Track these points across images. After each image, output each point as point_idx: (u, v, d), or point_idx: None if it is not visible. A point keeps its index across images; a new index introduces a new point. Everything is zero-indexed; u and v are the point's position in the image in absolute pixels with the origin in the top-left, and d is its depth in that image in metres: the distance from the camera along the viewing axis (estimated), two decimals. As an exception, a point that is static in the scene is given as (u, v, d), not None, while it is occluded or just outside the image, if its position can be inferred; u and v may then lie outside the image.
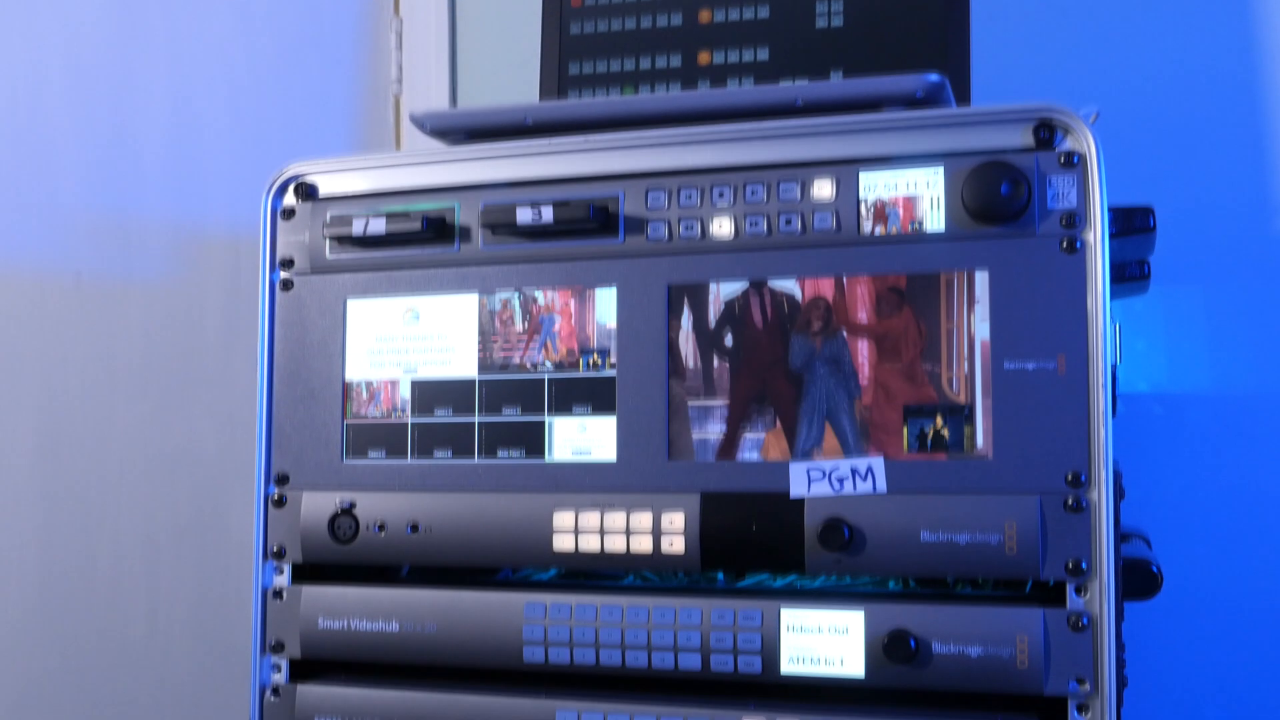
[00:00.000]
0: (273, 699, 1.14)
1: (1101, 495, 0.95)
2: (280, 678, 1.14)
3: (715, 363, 1.05)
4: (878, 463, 1.00)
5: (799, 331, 1.03)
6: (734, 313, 1.04)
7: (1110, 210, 1.00)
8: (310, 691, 1.13)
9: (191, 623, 1.66)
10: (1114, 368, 1.01)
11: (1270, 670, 1.41)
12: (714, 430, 1.04)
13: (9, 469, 1.71)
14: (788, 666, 1.01)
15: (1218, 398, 1.44)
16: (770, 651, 1.01)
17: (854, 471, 1.00)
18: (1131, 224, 1.09)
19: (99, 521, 1.70)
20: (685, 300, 1.06)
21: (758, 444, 1.03)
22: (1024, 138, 1.00)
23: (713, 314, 1.05)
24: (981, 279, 0.99)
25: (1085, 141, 0.99)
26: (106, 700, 1.69)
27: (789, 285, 1.04)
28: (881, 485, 1.00)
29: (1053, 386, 0.97)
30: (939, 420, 0.99)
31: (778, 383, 1.03)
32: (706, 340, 1.05)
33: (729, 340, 1.04)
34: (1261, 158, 1.47)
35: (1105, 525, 0.95)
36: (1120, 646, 0.98)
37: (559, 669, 1.06)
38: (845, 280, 1.02)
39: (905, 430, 1.00)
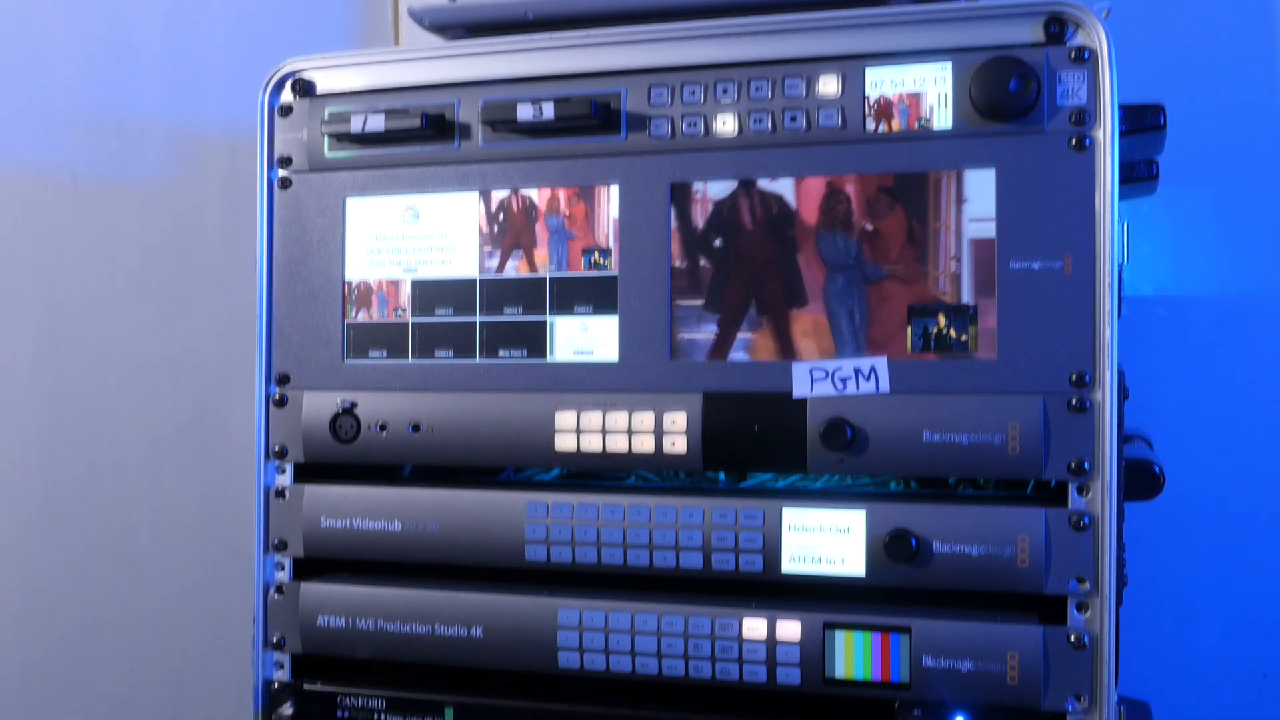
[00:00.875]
0: (276, 597, 1.15)
1: (1105, 396, 0.95)
2: (284, 576, 1.15)
3: (717, 261, 1.04)
4: (881, 363, 1.00)
5: (802, 230, 1.02)
6: (736, 211, 1.03)
7: (1120, 108, 0.98)
8: (314, 589, 1.13)
9: (196, 523, 1.67)
10: (1121, 268, 1.00)
11: (1267, 572, 1.42)
12: (716, 330, 1.03)
13: (10, 373, 1.71)
14: (788, 565, 1.01)
15: (1223, 301, 1.44)
16: (771, 550, 1.01)
17: (857, 372, 1.00)
18: (1142, 122, 1.07)
19: (101, 425, 1.70)
20: (688, 198, 1.04)
21: (759, 344, 1.02)
22: (1034, 33, 0.98)
23: (715, 212, 1.04)
24: (988, 177, 0.98)
25: (1096, 37, 0.97)
26: (113, 600, 1.70)
27: (791, 184, 1.02)
28: (885, 385, 1.00)
29: (1059, 286, 0.96)
30: (943, 320, 0.99)
31: (779, 281, 1.02)
32: (709, 239, 1.04)
33: (731, 239, 1.03)
34: (1274, 59, 1.44)
35: (1109, 425, 0.95)
36: (1121, 547, 0.98)
37: (561, 568, 1.07)
38: (849, 178, 1.01)
39: (909, 330, 0.99)
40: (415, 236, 1.11)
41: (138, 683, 1.71)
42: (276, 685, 1.15)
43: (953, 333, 0.98)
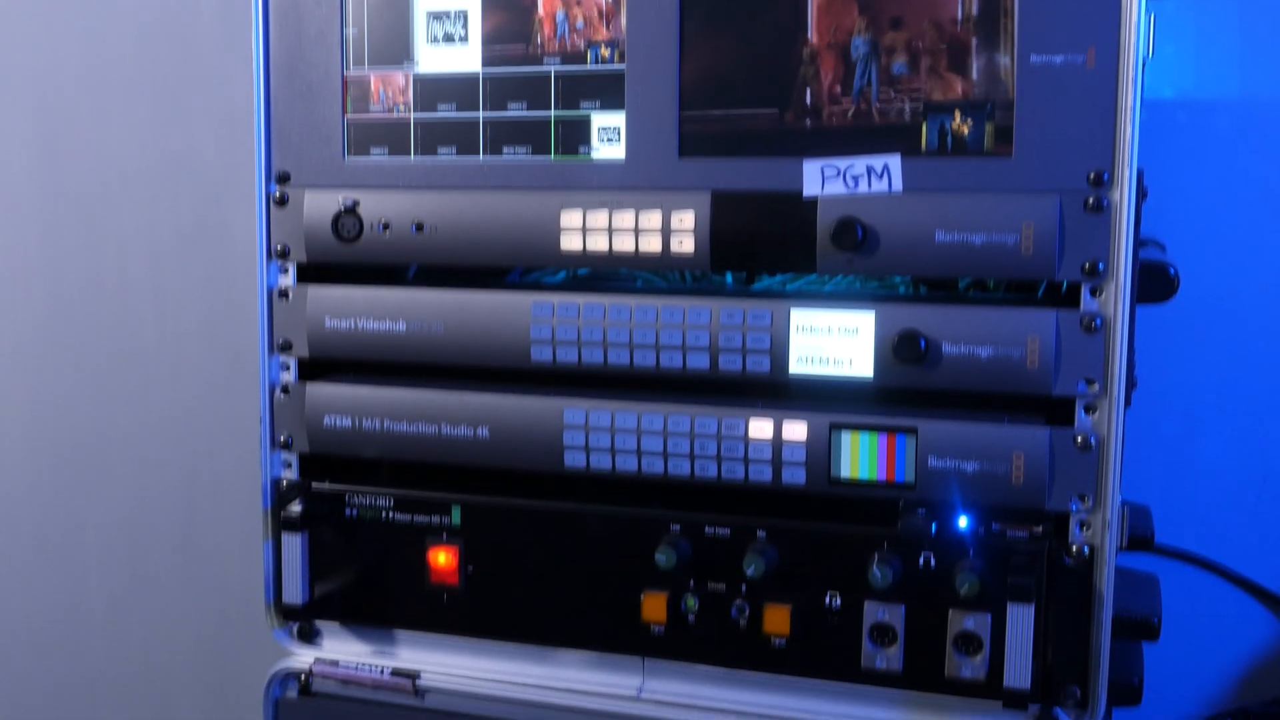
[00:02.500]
0: (282, 397, 1.15)
1: (1123, 195, 0.93)
2: (289, 377, 1.15)
3: (728, 52, 1.00)
4: (894, 160, 0.97)
5: (818, 24, 0.98)
6: (748, 3, 0.99)
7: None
8: (319, 390, 1.13)
9: (200, 325, 1.67)
10: (1145, 63, 0.96)
11: (1273, 379, 1.42)
12: (726, 126, 1.01)
13: (8, 177, 1.69)
14: (796, 367, 1.01)
15: (1246, 105, 1.40)
16: (779, 352, 1.01)
17: (869, 170, 0.98)
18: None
19: (102, 229, 1.68)
20: (698, -11, 1.00)
21: (771, 139, 1.00)
22: None
23: (725, 5, 1.00)
24: (1011, -34, 0.94)
25: None
26: (121, 406, 1.71)
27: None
28: (897, 184, 0.97)
29: (1080, 81, 0.93)
30: (959, 117, 0.96)
31: (794, 71, 0.99)
32: (719, 28, 1.00)
33: (743, 33, 1.00)
34: None
35: (1125, 226, 0.93)
36: (1131, 349, 0.97)
37: (567, 369, 1.06)
38: (867, -32, 0.97)
39: (924, 127, 0.97)
40: (416, 29, 1.08)
41: (148, 487, 1.73)
42: (285, 484, 1.16)
43: (968, 130, 0.96)
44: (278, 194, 1.12)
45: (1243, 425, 1.44)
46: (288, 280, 1.14)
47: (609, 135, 1.03)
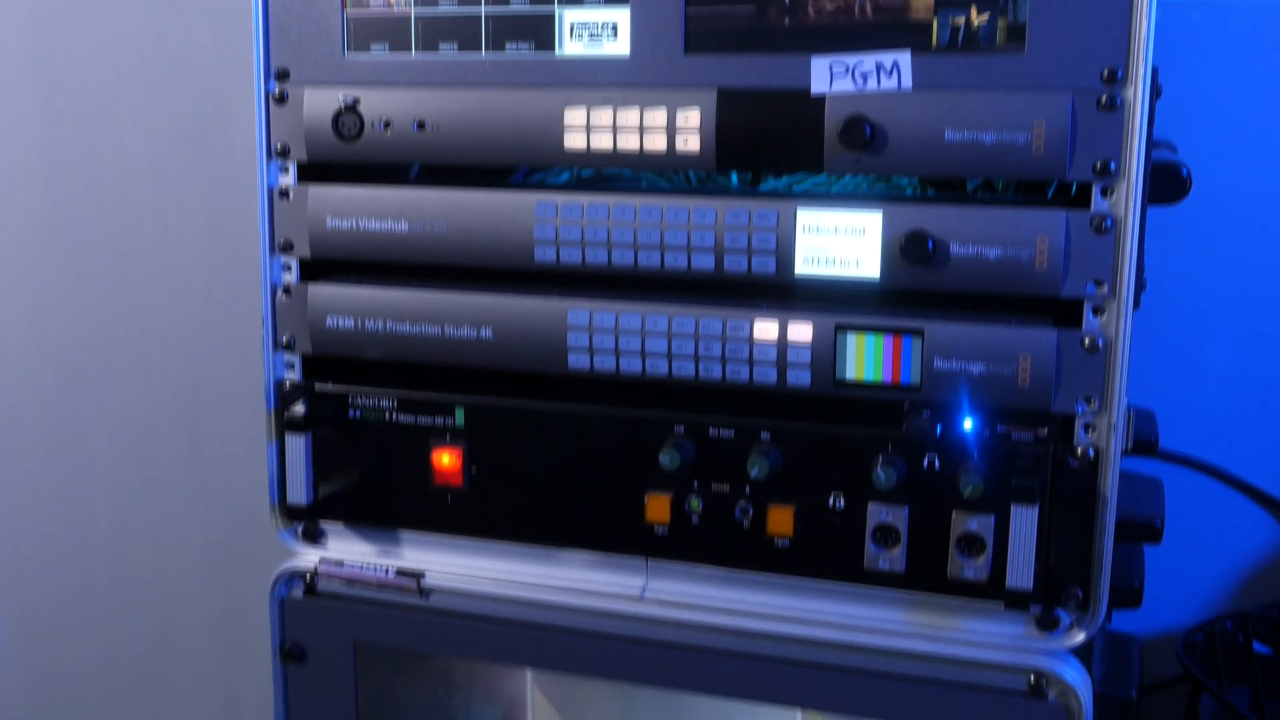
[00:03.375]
0: (284, 298, 1.14)
1: (1137, 93, 0.91)
2: (291, 278, 1.14)
3: (736, -51, 0.98)
4: (904, 57, 0.95)
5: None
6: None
7: None
8: (321, 291, 1.12)
9: (202, 226, 1.66)
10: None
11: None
12: (732, 21, 0.99)
13: (5, 76, 1.67)
14: (802, 268, 1.00)
15: (1261, 5, 1.37)
16: (785, 252, 1.00)
17: (879, 67, 0.96)
18: None
19: (101, 129, 1.67)
20: (705, -121, 0.98)
21: (778, 35, 0.98)
22: None
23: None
24: None
25: None
26: (122, 303, 1.71)
27: None
28: (907, 81, 0.96)
29: (1095, -26, 0.91)
30: (973, 11, 0.94)
31: (802, -29, 0.97)
32: (727, -76, 0.98)
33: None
34: None
35: (1139, 124, 0.91)
36: (1141, 251, 0.96)
37: (571, 269, 1.05)
38: None
39: (935, 22, 0.95)
40: (416, -79, 1.05)
41: (151, 389, 1.73)
42: (288, 386, 1.15)
43: (980, 24, 0.94)
44: (277, 91, 1.10)
45: (1251, 330, 1.43)
46: (288, 180, 1.12)
47: (613, 31, 1.01)
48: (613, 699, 1.25)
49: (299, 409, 1.13)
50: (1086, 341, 0.95)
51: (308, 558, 1.18)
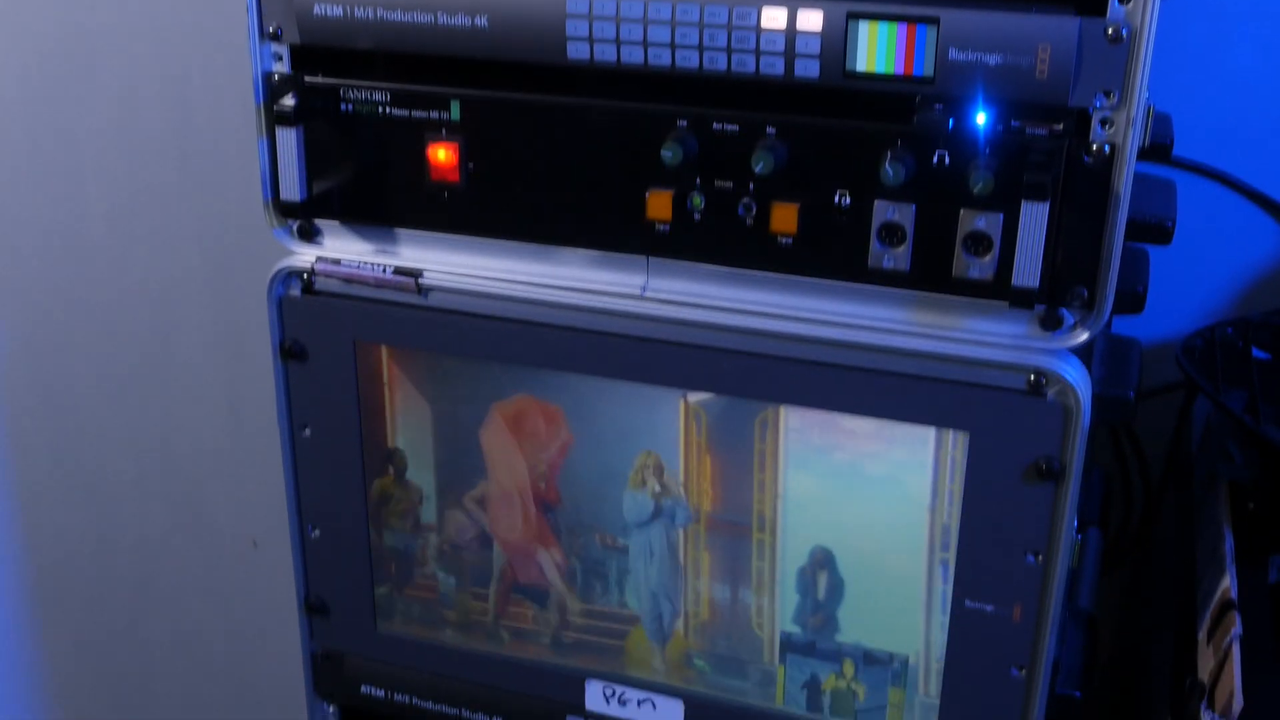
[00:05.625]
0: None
1: None
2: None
3: None
4: None
5: None
6: None
7: None
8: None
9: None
10: None
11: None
12: None
13: None
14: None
15: None
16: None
17: None
18: None
19: None
20: None
21: None
22: None
23: None
24: None
25: None
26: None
27: None
28: None
29: None
30: None
31: None
32: None
33: None
34: None
35: None
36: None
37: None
38: None
39: None
40: None
41: (138, 88, 1.68)
42: (276, 78, 1.11)
43: None
44: None
45: (1275, 34, 1.38)
46: None
47: None
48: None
49: (289, 101, 1.09)
50: (1110, 31, 0.91)
51: (304, 256, 1.16)
